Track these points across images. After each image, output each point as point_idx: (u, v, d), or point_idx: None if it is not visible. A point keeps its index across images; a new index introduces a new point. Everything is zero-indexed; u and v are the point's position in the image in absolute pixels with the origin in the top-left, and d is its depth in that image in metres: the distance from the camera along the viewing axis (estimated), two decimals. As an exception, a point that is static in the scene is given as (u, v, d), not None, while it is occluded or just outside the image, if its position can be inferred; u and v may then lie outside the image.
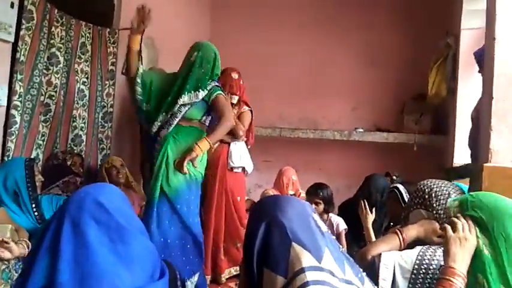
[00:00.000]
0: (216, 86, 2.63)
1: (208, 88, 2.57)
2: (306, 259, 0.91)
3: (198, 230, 2.59)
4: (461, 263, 1.18)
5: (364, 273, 1.03)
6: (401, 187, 2.40)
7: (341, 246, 1.03)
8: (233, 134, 3.13)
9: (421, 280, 1.35)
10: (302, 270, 0.90)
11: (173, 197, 2.45)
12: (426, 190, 1.60)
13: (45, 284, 0.95)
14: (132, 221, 1.07)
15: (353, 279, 0.96)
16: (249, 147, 3.47)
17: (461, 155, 3.49)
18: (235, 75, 3.25)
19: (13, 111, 2.48)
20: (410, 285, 1.35)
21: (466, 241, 1.21)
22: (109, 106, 3.32)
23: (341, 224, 3.07)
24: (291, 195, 3.60)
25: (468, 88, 3.48)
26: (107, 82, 3.30)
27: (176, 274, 1.18)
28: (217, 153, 3.17)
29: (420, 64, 4.16)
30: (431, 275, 1.34)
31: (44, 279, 0.96)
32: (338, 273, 0.94)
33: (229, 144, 3.21)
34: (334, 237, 1.03)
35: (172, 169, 2.45)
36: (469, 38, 3.50)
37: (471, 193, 1.41)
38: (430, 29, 4.30)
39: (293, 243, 0.93)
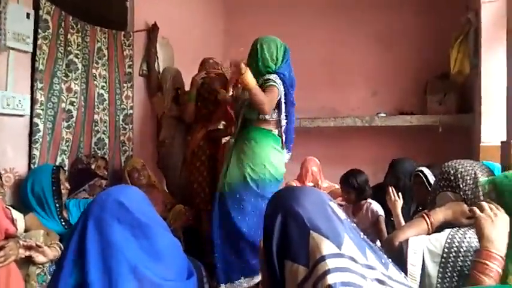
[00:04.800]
0: (271, 78, 2.57)
1: (260, 81, 2.56)
2: (326, 246, 0.90)
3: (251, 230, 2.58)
4: (497, 242, 1.13)
5: (389, 260, 1.01)
6: (426, 170, 2.34)
7: (361, 233, 1.00)
8: None
9: (451, 264, 1.31)
10: (323, 258, 0.88)
11: (227, 195, 2.60)
12: (451, 171, 1.54)
13: (76, 283, 0.98)
14: (153, 218, 1.09)
15: (376, 264, 0.94)
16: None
17: (489, 134, 3.38)
18: None
19: (36, 120, 2.54)
20: (441, 270, 1.32)
21: (496, 217, 1.16)
22: (129, 108, 3.36)
23: (379, 210, 2.92)
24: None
25: (492, 63, 3.36)
26: (125, 85, 3.34)
27: (202, 273, 1.19)
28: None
29: (441, 42, 4.04)
30: (462, 258, 1.30)
31: (74, 279, 0.99)
32: (360, 258, 0.92)
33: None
34: (369, 224, 1.01)
35: (230, 168, 2.61)
36: (490, 12, 3.36)
37: (504, 173, 1.36)
38: (448, 5, 4.17)
39: (311, 231, 0.92)
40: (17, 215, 1.96)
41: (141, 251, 1.00)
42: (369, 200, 2.99)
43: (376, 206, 2.95)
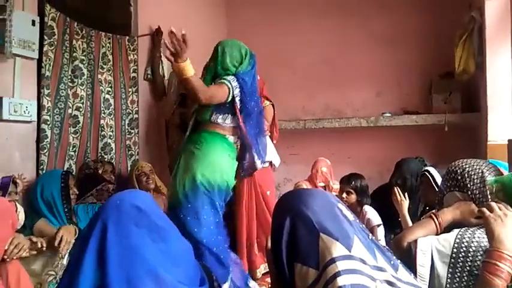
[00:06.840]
0: (227, 78, 2.37)
1: (216, 81, 2.39)
2: (336, 249, 0.90)
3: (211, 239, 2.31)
4: (508, 242, 1.12)
5: (398, 260, 1.01)
6: (432, 170, 2.32)
7: (370, 234, 1.00)
8: None
9: (461, 264, 1.30)
10: (333, 261, 0.89)
11: (178, 206, 2.33)
12: (458, 171, 1.54)
13: (95, 286, 0.97)
14: (168, 222, 1.10)
15: (385, 266, 0.94)
16: (274, 141, 3.46)
17: (496, 132, 3.36)
18: None
19: (43, 126, 2.56)
20: (450, 270, 1.31)
21: (506, 217, 1.15)
22: (134, 113, 3.38)
23: (374, 220, 2.85)
24: (321, 187, 3.56)
25: (497, 61, 3.35)
26: (130, 89, 3.35)
27: (213, 277, 1.19)
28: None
29: (445, 41, 4.03)
30: (471, 258, 1.29)
31: (93, 283, 0.98)
32: (369, 260, 0.92)
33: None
34: (363, 225, 1.01)
35: (179, 176, 2.36)
36: (493, 9, 3.36)
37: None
38: (452, 3, 4.16)
39: (321, 234, 0.92)
40: (19, 207, 2.00)
41: (160, 254, 1.00)
42: (365, 208, 2.95)
43: (372, 215, 2.89)
